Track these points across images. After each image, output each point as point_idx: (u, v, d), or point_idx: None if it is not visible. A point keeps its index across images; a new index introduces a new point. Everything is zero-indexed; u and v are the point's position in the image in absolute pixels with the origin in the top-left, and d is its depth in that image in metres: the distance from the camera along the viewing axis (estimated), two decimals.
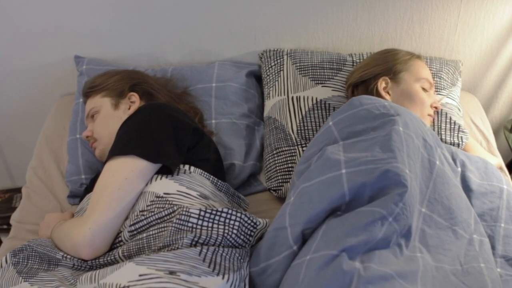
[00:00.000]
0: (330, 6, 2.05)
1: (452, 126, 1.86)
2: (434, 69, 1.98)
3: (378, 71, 1.80)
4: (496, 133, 2.28)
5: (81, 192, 1.83)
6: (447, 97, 1.93)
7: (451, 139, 1.85)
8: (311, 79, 1.99)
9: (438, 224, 1.28)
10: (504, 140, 2.28)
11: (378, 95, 1.76)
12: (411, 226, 1.21)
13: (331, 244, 1.15)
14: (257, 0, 2.03)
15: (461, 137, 1.86)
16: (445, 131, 1.86)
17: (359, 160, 1.29)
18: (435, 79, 1.96)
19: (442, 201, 1.32)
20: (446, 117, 1.88)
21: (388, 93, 1.75)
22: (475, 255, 1.25)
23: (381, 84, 1.77)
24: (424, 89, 1.75)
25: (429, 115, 1.75)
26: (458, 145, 1.84)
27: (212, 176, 1.55)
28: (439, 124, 1.87)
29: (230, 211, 1.34)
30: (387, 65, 1.80)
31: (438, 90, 1.94)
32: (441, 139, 1.84)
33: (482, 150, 1.88)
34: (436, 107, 1.78)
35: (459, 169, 1.51)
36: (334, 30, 2.12)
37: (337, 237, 1.16)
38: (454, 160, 1.54)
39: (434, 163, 1.38)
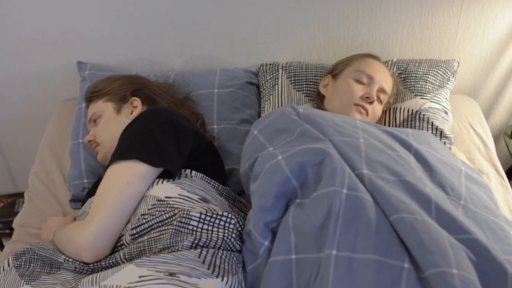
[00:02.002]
0: (331, 13, 2.06)
1: (434, 132, 1.84)
2: (420, 73, 1.96)
3: (330, 70, 1.93)
4: (496, 139, 2.28)
5: (83, 196, 1.84)
6: (431, 101, 1.90)
7: None
8: (305, 94, 2.00)
9: (385, 179, 1.31)
10: (504, 146, 2.28)
11: (319, 91, 1.90)
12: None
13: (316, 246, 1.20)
14: (258, 6, 2.05)
15: (444, 142, 1.83)
16: None
17: (292, 148, 1.38)
18: (420, 83, 1.94)
19: (379, 161, 1.36)
20: (428, 122, 1.85)
21: (328, 89, 1.86)
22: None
23: (323, 81, 1.88)
24: (358, 81, 1.76)
25: (356, 105, 1.73)
26: None
27: (213, 181, 1.56)
28: (421, 130, 1.84)
29: (229, 215, 1.35)
30: (337, 65, 1.90)
31: (422, 94, 1.91)
32: None
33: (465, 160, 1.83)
34: (368, 97, 1.73)
35: (414, 145, 1.51)
36: (335, 36, 2.13)
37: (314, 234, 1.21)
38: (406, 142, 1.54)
39: (358, 139, 1.44)
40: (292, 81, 2.03)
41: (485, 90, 2.25)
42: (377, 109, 1.77)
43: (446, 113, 1.91)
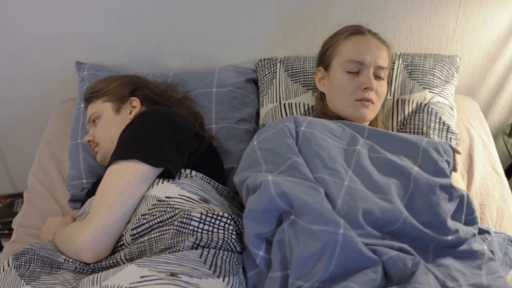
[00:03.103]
0: (329, 13, 2.06)
1: (441, 127, 1.84)
2: (427, 67, 1.95)
3: (318, 60, 1.81)
4: (495, 138, 2.29)
5: (83, 196, 1.84)
6: (439, 95, 1.90)
7: (439, 139, 1.83)
8: (302, 85, 1.99)
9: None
10: (502, 144, 2.28)
11: (317, 88, 1.78)
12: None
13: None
14: (257, 6, 2.05)
15: (450, 138, 1.84)
16: (433, 131, 1.84)
17: (282, 177, 1.37)
18: (427, 76, 1.92)
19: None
20: (436, 116, 1.85)
21: (324, 84, 1.75)
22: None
23: (317, 75, 1.77)
24: (350, 72, 1.62)
25: (358, 100, 1.61)
26: None
27: (213, 181, 1.56)
28: (428, 123, 1.84)
29: (229, 217, 1.35)
30: (322, 52, 1.77)
31: (430, 87, 1.91)
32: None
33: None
34: (366, 88, 1.59)
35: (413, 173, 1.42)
36: None
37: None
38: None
39: (343, 181, 1.41)
40: (290, 74, 2.03)
41: (483, 89, 2.26)
42: (381, 89, 1.64)
43: (452, 109, 1.91)
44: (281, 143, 1.45)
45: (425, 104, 1.86)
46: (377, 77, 1.63)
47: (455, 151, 1.52)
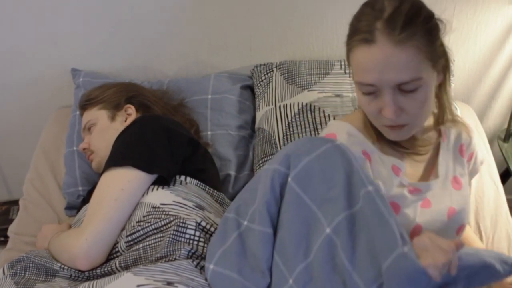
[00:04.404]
0: (324, 18, 2.06)
1: None
2: None
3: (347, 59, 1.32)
4: (490, 143, 2.29)
5: (78, 203, 1.84)
6: None
7: None
8: (297, 86, 1.99)
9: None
10: (498, 150, 2.29)
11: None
12: None
13: None
14: (252, 12, 2.05)
15: None
16: None
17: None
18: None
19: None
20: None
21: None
22: None
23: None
24: (365, 94, 1.20)
25: (385, 126, 1.24)
26: None
27: (208, 187, 1.56)
28: None
29: None
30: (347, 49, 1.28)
31: None
32: None
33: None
34: (386, 115, 1.17)
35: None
36: (329, 41, 2.13)
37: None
38: None
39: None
40: (286, 77, 2.03)
41: (478, 95, 2.26)
42: (414, 104, 1.17)
43: (456, 109, 1.88)
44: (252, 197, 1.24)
45: None
46: (405, 91, 1.16)
47: None
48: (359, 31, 1.19)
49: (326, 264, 1.09)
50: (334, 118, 1.87)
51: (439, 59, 1.20)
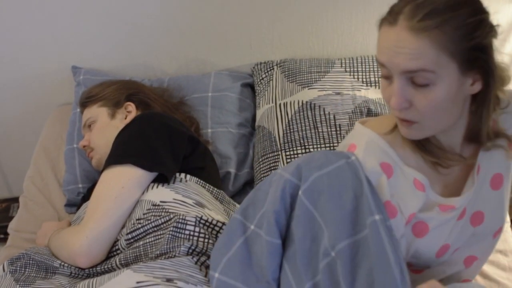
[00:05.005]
0: (325, 17, 2.07)
1: None
2: None
3: None
4: None
5: (78, 201, 1.84)
6: None
7: None
8: (298, 84, 1.99)
9: None
10: None
11: None
12: None
13: None
14: (253, 10, 2.05)
15: None
16: None
17: None
18: None
19: None
20: None
21: None
22: None
23: None
24: (383, 77, 1.11)
25: (398, 118, 1.13)
26: None
27: (208, 184, 1.56)
28: None
29: (224, 225, 1.35)
30: None
31: None
32: None
33: None
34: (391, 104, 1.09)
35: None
36: (329, 40, 2.13)
37: None
38: None
39: None
40: (286, 75, 2.03)
41: None
42: (423, 102, 1.05)
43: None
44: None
45: None
46: (416, 84, 1.05)
47: None
48: (390, 12, 1.09)
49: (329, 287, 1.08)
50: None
51: (472, 63, 1.06)
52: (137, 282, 1.15)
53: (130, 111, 1.74)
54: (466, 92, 1.08)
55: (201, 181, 1.54)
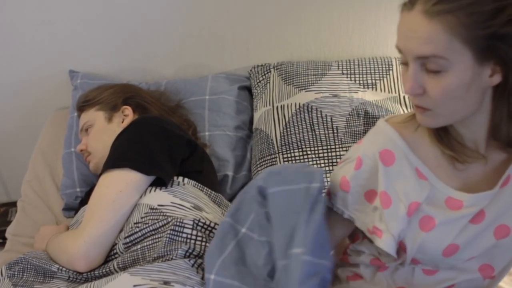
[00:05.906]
0: (322, 19, 2.07)
1: None
2: None
3: None
4: None
5: (76, 205, 1.84)
6: None
7: None
8: (295, 86, 1.99)
9: None
10: None
11: None
12: None
13: None
14: (249, 13, 2.06)
15: None
16: None
17: None
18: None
19: None
20: None
21: None
22: None
23: None
24: (402, 63, 1.10)
25: (413, 104, 1.12)
26: None
27: (205, 188, 1.56)
28: None
29: None
30: None
31: None
32: None
33: None
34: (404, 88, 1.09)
35: None
36: (326, 42, 2.14)
37: None
38: None
39: None
40: (283, 78, 2.04)
41: None
42: (436, 89, 1.03)
43: None
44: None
45: None
46: (429, 70, 1.04)
47: None
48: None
49: None
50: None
51: (489, 52, 1.00)
52: (134, 286, 1.15)
53: (127, 114, 1.74)
54: (485, 84, 1.03)
55: (199, 184, 1.54)
